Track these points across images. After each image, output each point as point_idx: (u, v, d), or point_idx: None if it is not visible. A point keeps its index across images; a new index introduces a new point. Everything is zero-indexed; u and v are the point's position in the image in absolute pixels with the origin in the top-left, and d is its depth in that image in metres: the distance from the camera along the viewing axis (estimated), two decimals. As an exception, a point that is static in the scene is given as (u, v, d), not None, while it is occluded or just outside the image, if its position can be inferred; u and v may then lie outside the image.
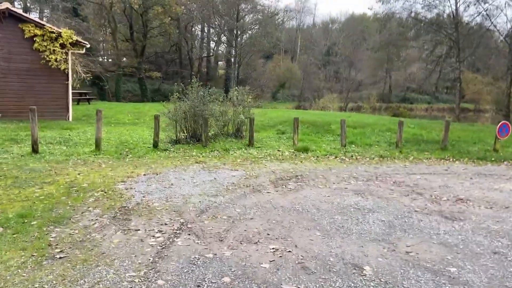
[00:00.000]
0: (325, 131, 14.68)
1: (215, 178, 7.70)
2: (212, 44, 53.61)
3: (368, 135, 13.96)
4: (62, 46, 15.58)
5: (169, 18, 37.43)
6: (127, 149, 10.66)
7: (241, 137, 13.09)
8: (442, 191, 7.37)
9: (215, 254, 4.18)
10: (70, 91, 16.21)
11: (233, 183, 7.42)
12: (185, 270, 3.82)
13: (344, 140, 12.44)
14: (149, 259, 4.01)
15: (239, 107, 13.06)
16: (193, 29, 45.61)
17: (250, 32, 38.88)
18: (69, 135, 12.33)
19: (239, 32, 32.46)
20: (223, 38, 35.38)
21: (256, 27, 36.04)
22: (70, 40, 15.62)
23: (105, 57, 44.17)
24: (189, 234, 4.70)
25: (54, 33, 15.26)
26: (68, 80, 16.06)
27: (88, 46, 17.10)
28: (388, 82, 66.47)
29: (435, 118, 36.51)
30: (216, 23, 31.59)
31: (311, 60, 66.22)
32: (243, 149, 11.53)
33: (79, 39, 16.18)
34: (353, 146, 12.58)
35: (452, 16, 23.02)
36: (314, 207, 6.04)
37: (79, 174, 7.66)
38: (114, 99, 41.90)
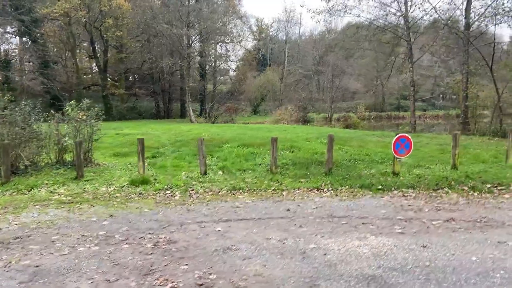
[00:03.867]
0: (210, 152, 11.76)
1: None
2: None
3: (255, 156, 11.00)
4: None
5: (121, 32, 34.97)
6: None
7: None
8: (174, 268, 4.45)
9: None
10: None
11: None
12: None
13: (204, 166, 9.54)
14: None
15: (66, 126, 10.22)
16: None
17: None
18: None
19: (189, 41, 29.68)
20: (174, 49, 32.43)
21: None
22: None
23: (66, 76, 41.74)
24: None
25: None
26: None
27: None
28: (381, 90, 63.47)
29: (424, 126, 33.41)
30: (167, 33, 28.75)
31: (298, 71, 63.62)
32: (60, 184, 8.73)
33: None
34: (220, 172, 9.68)
35: (401, 13, 19.98)
36: None
37: None
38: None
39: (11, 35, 40.36)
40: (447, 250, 4.78)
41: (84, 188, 8.54)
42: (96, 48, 41.81)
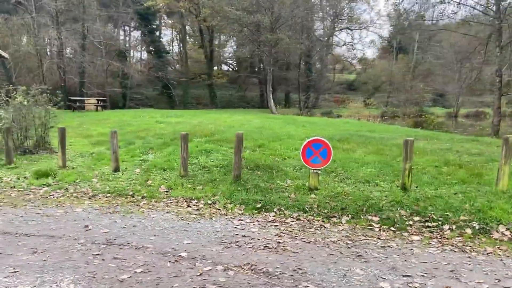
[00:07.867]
0: (168, 147, 10.50)
1: None
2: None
3: (200, 155, 9.35)
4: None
5: (216, 21, 35.30)
6: None
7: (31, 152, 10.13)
8: None
9: None
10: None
11: None
12: None
13: (115, 162, 8.40)
14: None
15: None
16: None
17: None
18: None
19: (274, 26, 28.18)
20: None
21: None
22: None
23: (177, 65, 44.45)
24: None
25: None
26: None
27: (7, 56, 15.92)
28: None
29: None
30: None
31: (428, 58, 56.34)
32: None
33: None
34: (137, 170, 8.42)
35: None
36: None
37: None
38: (181, 106, 41.61)
39: (128, 27, 44.17)
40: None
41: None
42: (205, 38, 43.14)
